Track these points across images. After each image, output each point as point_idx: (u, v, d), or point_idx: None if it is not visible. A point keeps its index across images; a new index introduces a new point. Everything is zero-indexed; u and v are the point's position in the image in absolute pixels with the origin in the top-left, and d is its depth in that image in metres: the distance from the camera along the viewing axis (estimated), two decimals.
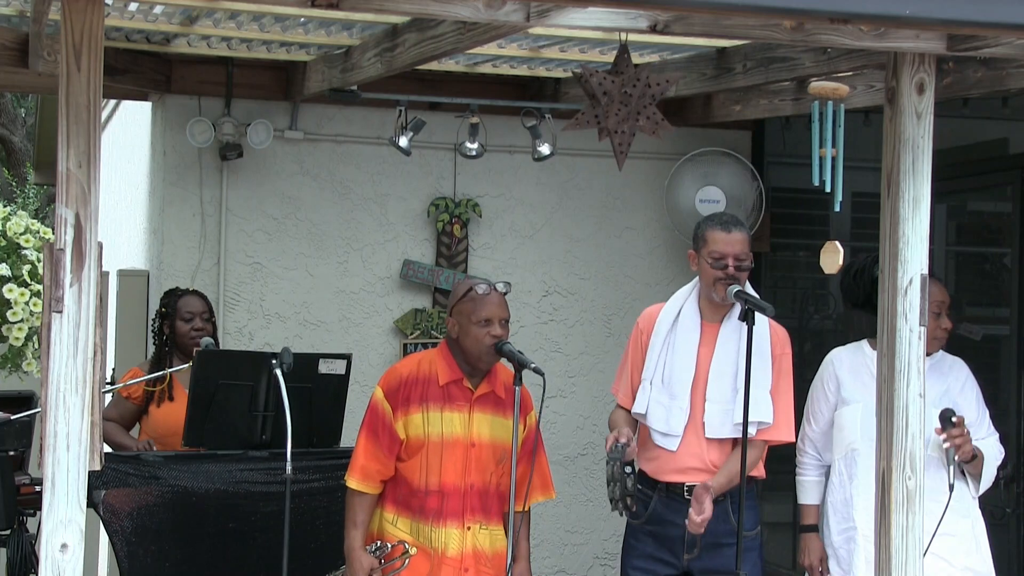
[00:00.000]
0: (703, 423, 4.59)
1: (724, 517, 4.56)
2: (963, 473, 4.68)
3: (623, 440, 4.45)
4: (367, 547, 4.43)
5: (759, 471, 4.69)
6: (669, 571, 4.65)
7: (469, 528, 4.43)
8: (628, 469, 4.42)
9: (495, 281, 4.57)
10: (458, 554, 4.41)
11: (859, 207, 7.16)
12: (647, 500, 4.68)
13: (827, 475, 4.87)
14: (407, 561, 4.38)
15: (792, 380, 4.68)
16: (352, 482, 4.45)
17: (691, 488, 4.56)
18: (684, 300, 4.73)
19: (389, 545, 4.41)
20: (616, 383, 4.87)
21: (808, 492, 4.91)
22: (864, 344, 4.82)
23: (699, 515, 4.40)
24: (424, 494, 4.40)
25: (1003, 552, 5.92)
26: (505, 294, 4.51)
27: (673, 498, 4.61)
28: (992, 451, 4.69)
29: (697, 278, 4.72)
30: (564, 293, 7.33)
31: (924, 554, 3.98)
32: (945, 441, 4.51)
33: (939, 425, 4.52)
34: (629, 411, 4.74)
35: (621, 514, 4.49)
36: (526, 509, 4.57)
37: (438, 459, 4.40)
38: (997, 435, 4.77)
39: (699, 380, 4.61)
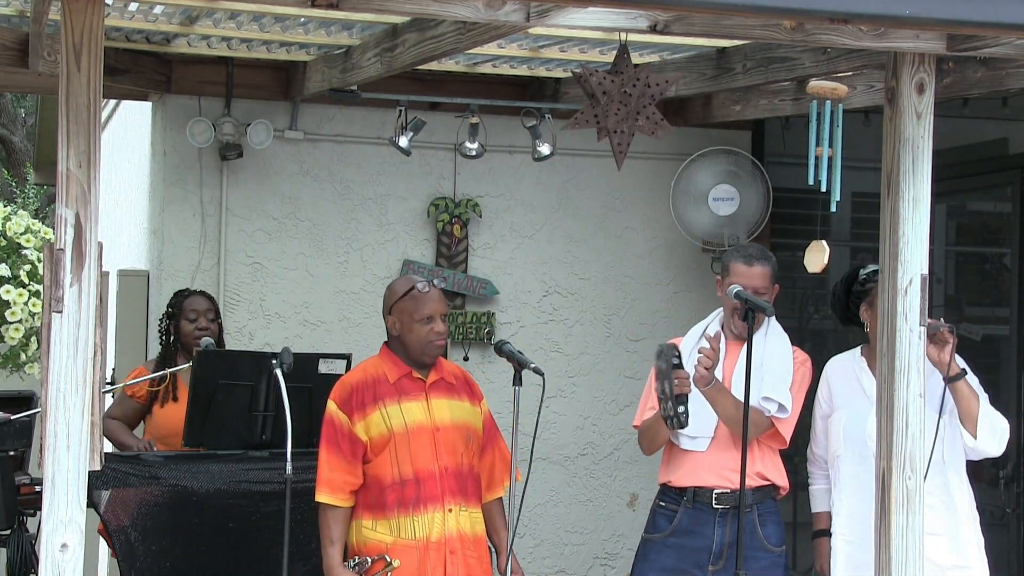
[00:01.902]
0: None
1: (751, 530, 4.57)
2: (957, 471, 4.66)
3: (677, 343, 4.48)
4: (347, 563, 4.42)
5: (783, 481, 4.71)
6: None
7: (451, 510, 4.43)
8: (681, 408, 4.41)
9: (430, 276, 4.56)
10: (442, 537, 4.40)
11: (859, 207, 7.17)
12: (672, 514, 4.67)
13: None
14: (389, 574, 4.37)
15: (804, 396, 4.71)
16: (322, 496, 4.42)
17: (720, 495, 4.60)
18: (711, 321, 4.81)
19: (369, 560, 4.39)
20: (639, 414, 4.82)
21: (818, 500, 4.93)
22: (857, 351, 4.83)
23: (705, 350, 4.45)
24: (400, 485, 4.39)
25: (1003, 552, 5.92)
26: (442, 289, 4.56)
27: (700, 508, 4.61)
28: (990, 407, 4.62)
29: (720, 309, 4.80)
30: (564, 293, 7.33)
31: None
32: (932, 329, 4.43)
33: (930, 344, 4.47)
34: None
35: (672, 420, 4.43)
36: (500, 496, 4.62)
37: (407, 447, 4.40)
38: (996, 411, 4.71)
39: (725, 384, 4.63)
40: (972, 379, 4.64)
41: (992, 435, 4.57)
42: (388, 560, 4.36)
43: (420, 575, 4.38)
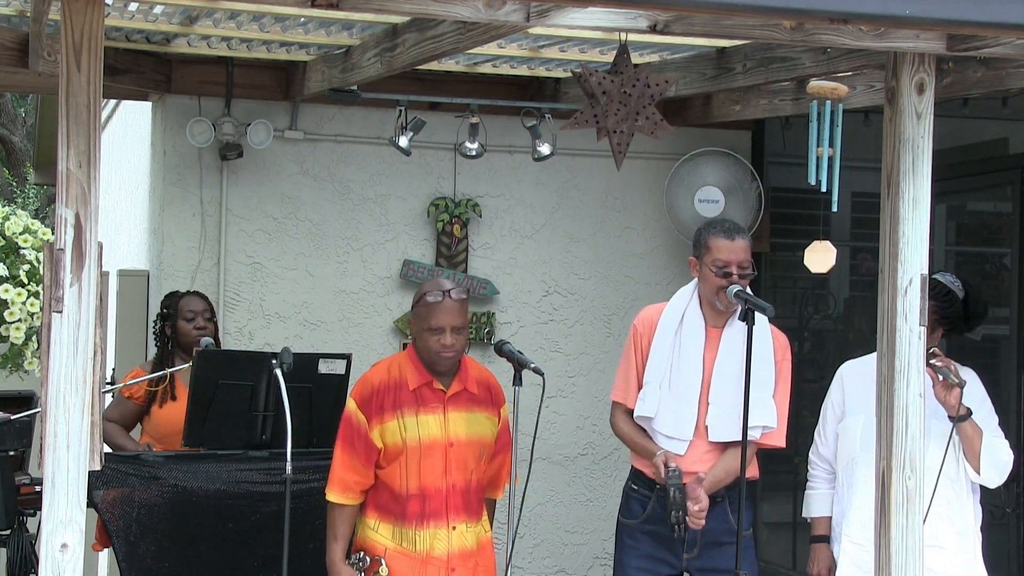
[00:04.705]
0: (706, 427, 4.59)
1: (722, 516, 4.59)
2: (963, 487, 4.65)
3: (673, 464, 4.49)
4: (349, 559, 4.43)
5: (753, 471, 4.70)
6: (668, 571, 4.66)
7: (455, 528, 4.42)
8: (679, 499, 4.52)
9: (453, 285, 4.47)
10: (444, 554, 4.40)
11: (859, 207, 7.17)
12: (645, 500, 4.68)
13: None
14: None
15: (790, 387, 4.69)
16: (332, 496, 4.43)
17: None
18: (687, 303, 4.73)
19: (368, 559, 4.41)
20: (617, 388, 4.84)
21: (817, 504, 4.91)
22: (874, 356, 4.78)
23: (697, 505, 4.42)
24: (406, 498, 4.39)
25: (1003, 552, 5.92)
26: (463, 299, 4.40)
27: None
28: (995, 440, 4.65)
29: (696, 280, 4.71)
30: (564, 293, 7.33)
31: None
32: (935, 360, 4.46)
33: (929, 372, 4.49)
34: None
35: (680, 533, 4.51)
36: (496, 498, 4.66)
37: (417, 463, 4.38)
38: (1004, 439, 4.72)
39: (704, 384, 4.62)
40: (985, 405, 4.65)
41: (993, 469, 4.61)
42: (382, 563, 4.37)
43: None
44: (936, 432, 4.54)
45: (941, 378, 4.47)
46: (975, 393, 4.63)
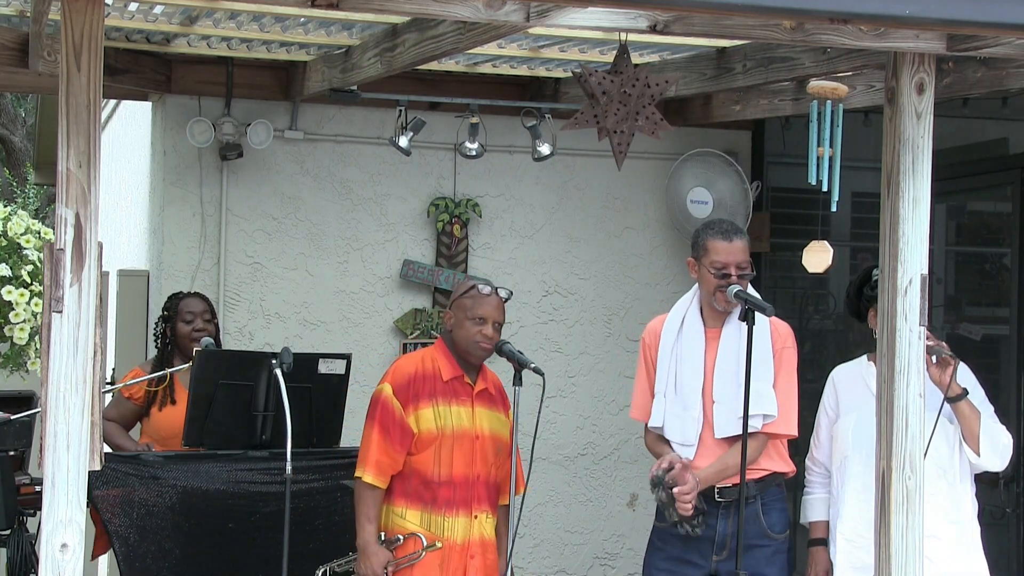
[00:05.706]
0: (713, 425, 4.59)
1: (754, 519, 4.56)
2: (963, 477, 4.66)
3: (665, 465, 4.51)
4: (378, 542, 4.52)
5: (788, 466, 4.70)
6: (696, 572, 4.62)
7: (476, 517, 4.58)
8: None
9: (499, 286, 4.67)
10: (465, 541, 4.55)
11: (859, 207, 7.17)
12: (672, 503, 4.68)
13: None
14: (423, 554, 4.46)
15: (795, 375, 4.68)
16: (368, 477, 4.53)
17: (722, 490, 4.58)
18: (686, 308, 4.76)
19: (400, 538, 4.50)
20: (634, 406, 4.85)
21: (814, 509, 4.93)
22: (863, 358, 4.83)
23: (681, 485, 4.42)
24: (437, 485, 4.54)
25: (1003, 552, 5.92)
26: (506, 300, 4.65)
27: (704, 501, 4.60)
28: (994, 425, 4.64)
29: (696, 285, 4.73)
30: (564, 293, 7.33)
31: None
32: (927, 341, 4.46)
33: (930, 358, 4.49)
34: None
35: (688, 533, 4.51)
36: (507, 503, 4.70)
37: (450, 451, 4.54)
38: (1001, 424, 4.73)
39: (707, 384, 4.62)
40: (978, 393, 4.66)
41: (993, 452, 4.62)
42: (424, 543, 4.47)
43: (441, 573, 4.52)
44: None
45: (935, 359, 4.48)
46: (967, 383, 4.64)
